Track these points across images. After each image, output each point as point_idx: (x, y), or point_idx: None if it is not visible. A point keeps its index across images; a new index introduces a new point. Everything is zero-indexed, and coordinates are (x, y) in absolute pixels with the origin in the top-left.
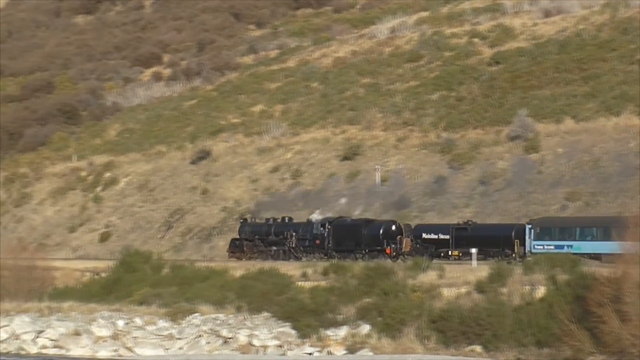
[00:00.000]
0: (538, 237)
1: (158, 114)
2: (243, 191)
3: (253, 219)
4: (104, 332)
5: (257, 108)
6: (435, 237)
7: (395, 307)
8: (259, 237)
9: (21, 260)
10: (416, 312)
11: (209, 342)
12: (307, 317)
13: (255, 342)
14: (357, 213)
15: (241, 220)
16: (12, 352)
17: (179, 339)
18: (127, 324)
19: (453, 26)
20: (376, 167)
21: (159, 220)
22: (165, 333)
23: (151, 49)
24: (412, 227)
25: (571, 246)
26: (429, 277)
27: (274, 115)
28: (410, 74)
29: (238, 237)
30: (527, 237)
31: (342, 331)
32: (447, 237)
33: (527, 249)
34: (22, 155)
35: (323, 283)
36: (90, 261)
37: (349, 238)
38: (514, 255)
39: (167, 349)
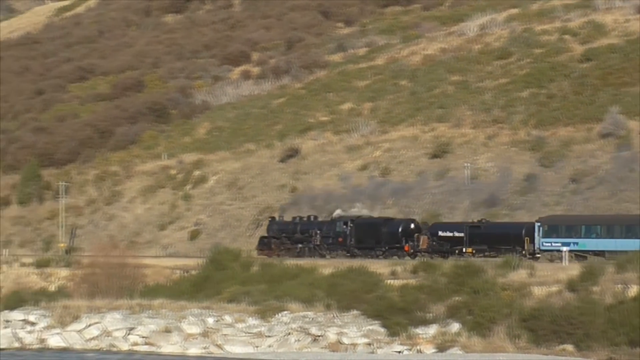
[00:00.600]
0: (546, 235)
1: (247, 112)
2: (332, 189)
3: (281, 218)
4: (194, 330)
5: (346, 106)
6: (451, 234)
7: (485, 306)
8: (286, 235)
9: (112, 258)
10: (506, 310)
11: (298, 340)
12: (397, 315)
13: (345, 340)
14: (445, 212)
15: (269, 219)
16: (104, 349)
17: (269, 336)
18: (216, 321)
19: (543, 23)
20: (465, 165)
21: (248, 218)
22: (255, 331)
23: (240, 48)
24: (429, 225)
25: (577, 243)
26: (519, 275)
27: (362, 113)
28: (500, 71)
29: (266, 235)
30: (536, 234)
31: (432, 329)
32: (462, 234)
33: (536, 246)
34: (113, 153)
35: (412, 281)
36: (180, 259)
37: (370, 236)
38: (524, 252)
39: (257, 347)
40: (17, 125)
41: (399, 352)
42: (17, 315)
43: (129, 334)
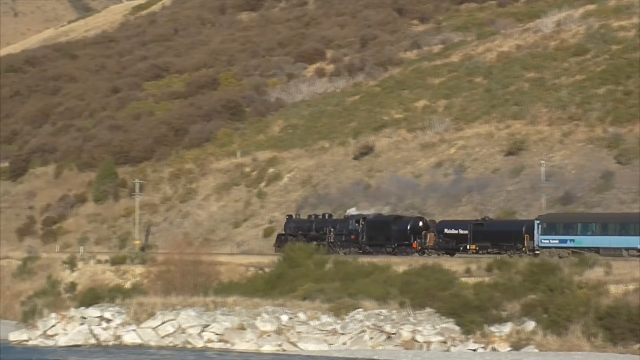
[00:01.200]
0: (545, 232)
1: (321, 109)
2: (406, 186)
3: (298, 216)
4: (268, 327)
5: (420, 103)
6: (456, 232)
7: (561, 304)
8: (302, 232)
9: (187, 255)
10: (582, 309)
11: (372, 338)
12: (471, 313)
13: (419, 337)
14: (520, 209)
15: (287, 217)
16: (179, 346)
17: (343, 334)
18: (290, 318)
19: (620, 19)
20: (541, 162)
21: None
22: (329, 328)
23: (314, 45)
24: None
25: (573, 240)
26: (595, 273)
27: (437, 110)
28: (576, 67)
29: (283, 232)
30: (535, 232)
31: (507, 327)
32: (466, 232)
33: (535, 243)
34: (188, 151)
35: (487, 279)
36: (254, 256)
37: (380, 233)
38: (524, 249)
39: (331, 344)
40: (93, 123)
41: (474, 350)
42: (93, 312)
43: (203, 331)
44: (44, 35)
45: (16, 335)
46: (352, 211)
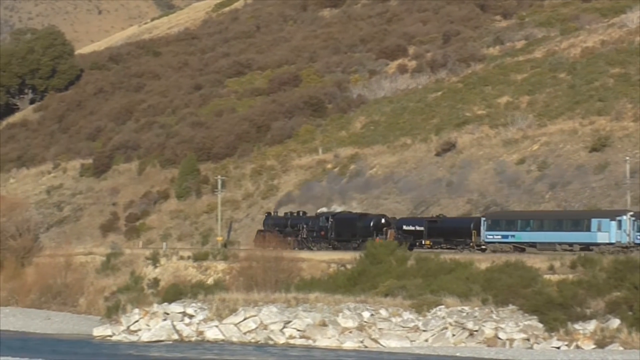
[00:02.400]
0: (489, 229)
1: (403, 106)
2: (488, 183)
3: (275, 213)
4: (350, 324)
5: (503, 99)
6: (413, 228)
7: None
8: (279, 229)
9: (269, 252)
10: None
11: (454, 335)
12: (555, 310)
13: (502, 335)
14: (604, 206)
15: (266, 214)
16: (261, 342)
17: (424, 331)
18: (372, 315)
19: None
20: (626, 158)
21: (403, 212)
22: (411, 325)
23: (396, 41)
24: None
25: (514, 236)
26: None
27: (520, 106)
28: None
29: (262, 229)
30: (482, 228)
31: (591, 325)
32: (422, 228)
33: (482, 239)
34: (270, 147)
35: (570, 276)
36: (336, 253)
37: (347, 230)
38: (471, 244)
39: (413, 341)
40: (175, 120)
41: (557, 348)
42: (175, 307)
43: (285, 328)
44: (127, 32)
45: (100, 331)
46: (323, 210)
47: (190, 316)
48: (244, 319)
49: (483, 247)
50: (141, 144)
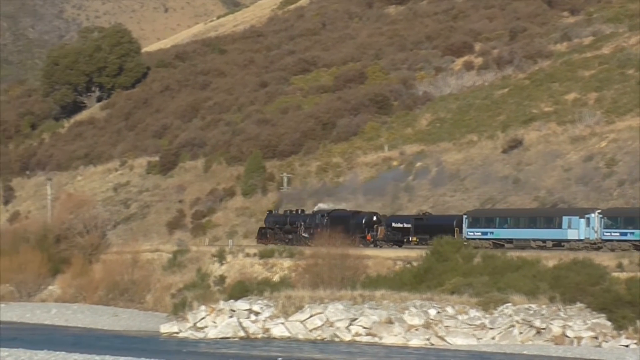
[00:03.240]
0: (470, 226)
1: (469, 103)
2: (555, 180)
3: (276, 211)
4: (416, 321)
5: (570, 96)
6: (401, 225)
7: None
8: (279, 226)
9: (335, 249)
10: None
11: (521, 333)
12: (623, 308)
13: (569, 333)
14: None
15: (267, 212)
16: (327, 339)
17: (491, 328)
18: (438, 312)
19: None
20: None
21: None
22: (477, 322)
23: (462, 38)
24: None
25: (493, 233)
26: None
27: (587, 103)
28: None
29: (264, 226)
30: (463, 225)
31: None
32: (409, 225)
33: (463, 235)
34: (335, 145)
35: (639, 274)
36: (402, 250)
37: (341, 227)
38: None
39: (479, 339)
40: (241, 118)
41: (626, 346)
42: (241, 305)
43: (351, 325)
44: (193, 30)
45: (167, 328)
46: (320, 206)
47: (256, 313)
48: (310, 316)
49: (465, 243)
50: (207, 141)
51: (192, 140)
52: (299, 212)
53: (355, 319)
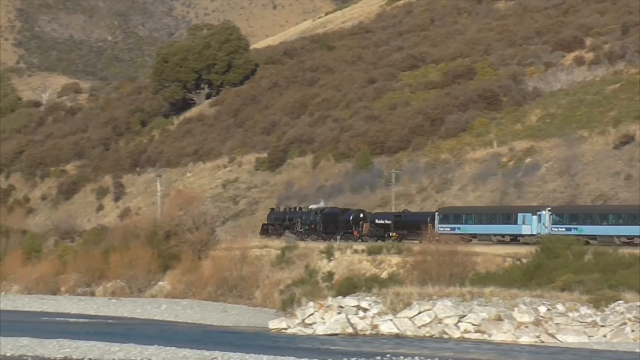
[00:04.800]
0: (441, 222)
1: (579, 98)
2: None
3: (278, 208)
4: (526, 318)
5: None
6: (383, 222)
7: None
8: (279, 222)
9: (443, 246)
10: None
11: (634, 330)
12: None
13: None
14: None
15: (270, 209)
16: (435, 336)
17: (602, 326)
18: (549, 310)
19: None
20: None
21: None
22: (588, 320)
23: (573, 33)
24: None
25: (459, 228)
26: None
27: None
28: None
29: (266, 222)
30: (436, 222)
31: None
32: (390, 222)
33: (435, 231)
34: (443, 141)
35: None
36: (511, 246)
37: (332, 223)
38: (427, 236)
39: (590, 336)
40: (349, 114)
41: None
42: (350, 301)
43: (459, 322)
44: (301, 27)
45: (275, 324)
46: (321, 204)
47: (365, 310)
48: (419, 313)
49: (437, 238)
50: (315, 137)
51: (300, 136)
52: (297, 210)
53: (464, 316)
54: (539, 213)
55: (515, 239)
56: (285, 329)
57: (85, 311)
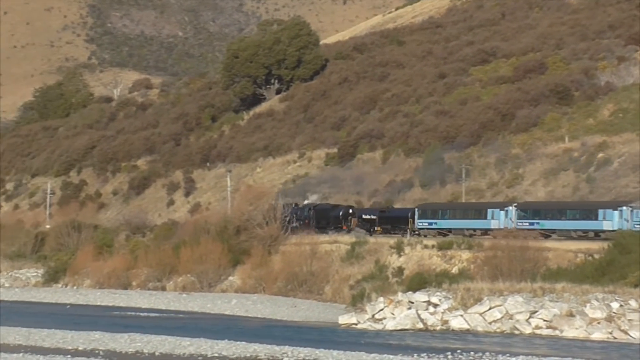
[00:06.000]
0: (420, 217)
1: None
2: None
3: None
4: (598, 314)
5: None
6: (369, 217)
7: None
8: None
9: (514, 241)
10: None
11: None
12: None
13: None
14: None
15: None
16: (506, 332)
17: None
18: (621, 306)
19: None
20: None
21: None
22: None
23: None
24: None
25: (437, 223)
26: None
27: None
28: None
29: None
30: (415, 217)
31: None
32: (375, 217)
33: (415, 226)
34: (515, 136)
35: None
36: (583, 242)
37: (323, 218)
38: (408, 230)
39: None
40: (419, 109)
41: None
42: (420, 296)
43: (531, 317)
44: (371, 22)
45: (345, 319)
46: (313, 199)
47: (435, 305)
48: (489, 309)
49: (416, 232)
50: (385, 133)
51: (370, 131)
52: (294, 205)
53: (535, 312)
54: (506, 209)
55: (485, 233)
56: (355, 324)
57: (156, 306)
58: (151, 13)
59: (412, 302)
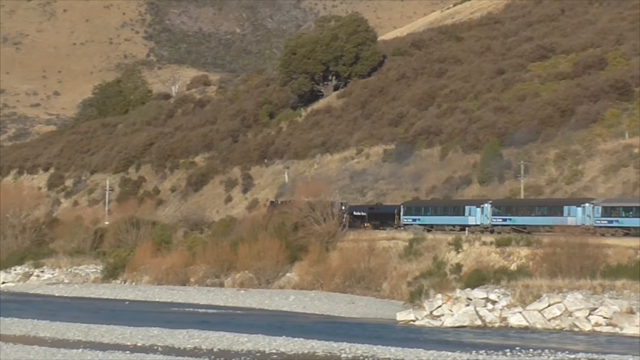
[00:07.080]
0: (405, 214)
1: None
2: None
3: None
4: None
5: None
6: (359, 213)
7: None
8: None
9: (573, 238)
10: None
11: None
12: None
13: None
14: None
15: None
16: (565, 329)
17: None
18: None
19: None
20: None
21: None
22: None
23: None
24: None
25: (419, 219)
26: None
27: None
28: None
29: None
30: (401, 213)
31: None
32: (365, 213)
33: (401, 222)
34: (574, 132)
35: None
36: None
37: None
38: (394, 225)
39: None
40: (478, 105)
41: None
42: (478, 293)
43: (590, 315)
44: (429, 18)
45: (403, 315)
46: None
47: (493, 302)
48: (548, 306)
49: (402, 227)
50: (443, 129)
51: (428, 128)
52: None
53: (595, 309)
54: (482, 206)
55: (463, 229)
56: (413, 321)
57: (214, 302)
58: (209, 10)
59: (470, 299)
